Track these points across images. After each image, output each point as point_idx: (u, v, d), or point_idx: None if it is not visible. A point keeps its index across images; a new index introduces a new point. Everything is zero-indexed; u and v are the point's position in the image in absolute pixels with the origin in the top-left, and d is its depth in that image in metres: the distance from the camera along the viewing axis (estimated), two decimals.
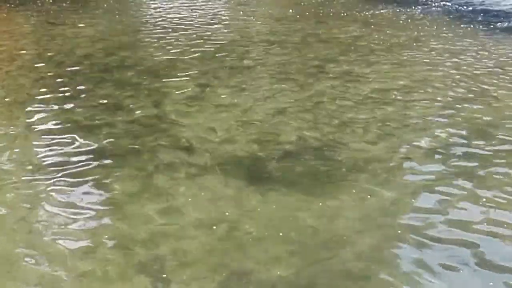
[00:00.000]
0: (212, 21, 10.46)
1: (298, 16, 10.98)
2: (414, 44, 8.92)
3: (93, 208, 4.42)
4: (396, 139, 5.60)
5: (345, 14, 11.17)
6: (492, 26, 9.97)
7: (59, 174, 4.90)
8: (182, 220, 4.27)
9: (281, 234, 4.09)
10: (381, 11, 11.33)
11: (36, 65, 7.79)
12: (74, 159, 5.19)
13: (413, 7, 11.55)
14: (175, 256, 3.87)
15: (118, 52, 8.49)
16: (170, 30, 9.79)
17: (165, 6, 11.81)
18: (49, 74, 7.46)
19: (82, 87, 6.95)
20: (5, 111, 6.29)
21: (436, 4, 11.77)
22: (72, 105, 6.41)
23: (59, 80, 7.21)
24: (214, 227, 4.18)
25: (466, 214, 4.34)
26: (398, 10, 11.40)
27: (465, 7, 11.45)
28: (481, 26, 10.01)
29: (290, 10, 11.45)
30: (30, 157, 5.22)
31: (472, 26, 10.06)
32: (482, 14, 10.80)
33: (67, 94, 6.76)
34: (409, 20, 10.61)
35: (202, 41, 9.01)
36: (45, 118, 6.09)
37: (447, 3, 11.72)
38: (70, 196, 4.60)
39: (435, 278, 3.66)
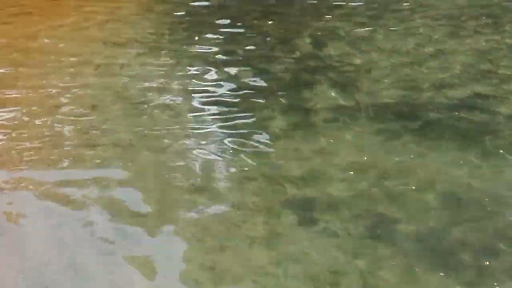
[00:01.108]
0: None
1: None
2: None
3: (248, 142, 4.52)
4: None
5: None
6: None
7: (218, 106, 5.07)
8: (334, 162, 4.25)
9: (434, 187, 3.96)
10: None
11: None
12: (235, 90, 5.34)
13: None
14: (323, 196, 3.88)
15: None
16: None
17: None
18: None
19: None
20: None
21: None
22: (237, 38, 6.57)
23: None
24: (365, 173, 4.12)
25: None
26: None
27: None
28: None
29: None
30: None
31: None
32: None
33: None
34: None
35: None
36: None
37: None
38: (228, 128, 4.74)
39: None
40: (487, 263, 3.32)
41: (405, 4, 7.74)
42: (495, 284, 3.17)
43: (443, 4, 7.75)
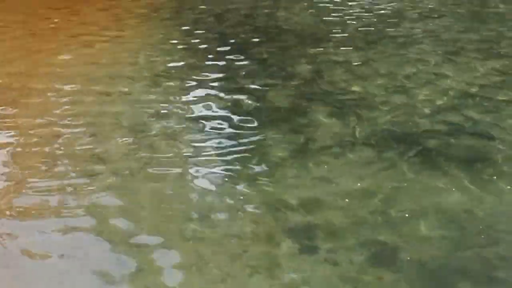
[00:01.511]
0: None
1: None
2: None
3: (247, 170, 4.51)
4: None
5: None
6: None
7: (217, 133, 5.08)
8: (333, 190, 4.25)
9: (434, 214, 3.95)
10: None
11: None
12: (234, 117, 5.35)
13: None
14: (323, 224, 3.87)
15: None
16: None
17: None
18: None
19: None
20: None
21: None
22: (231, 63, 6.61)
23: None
24: (365, 200, 4.12)
25: None
26: None
27: None
28: None
29: None
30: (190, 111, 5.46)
31: None
32: None
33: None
34: None
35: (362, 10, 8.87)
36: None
37: None
38: (227, 155, 4.73)
39: None
40: None
41: (401, 30, 7.82)
42: None
43: (439, 29, 7.83)
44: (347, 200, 4.12)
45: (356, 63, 6.63)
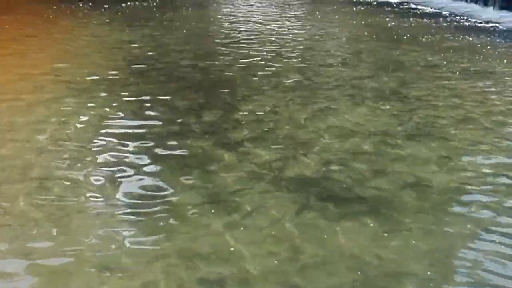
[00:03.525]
0: (286, 37, 10.51)
1: (374, 36, 10.89)
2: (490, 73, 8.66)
3: (160, 221, 4.47)
4: (461, 169, 5.45)
5: (422, 39, 10.99)
6: None
7: (129, 176, 5.00)
8: (246, 237, 4.26)
9: (344, 261, 4.03)
10: (460, 37, 11.08)
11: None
12: (145, 164, 5.30)
13: (494, 36, 11.29)
14: (236, 272, 3.85)
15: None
16: (244, 43, 9.91)
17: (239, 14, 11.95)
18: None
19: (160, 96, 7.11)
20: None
21: None
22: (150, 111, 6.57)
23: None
24: (278, 248, 4.14)
25: None
26: (480, 37, 11.14)
27: None
28: None
29: (366, 33, 11.37)
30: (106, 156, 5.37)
31: None
32: None
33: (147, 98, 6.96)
34: (490, 49, 10.33)
35: (277, 56, 9.07)
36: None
37: None
38: (138, 200, 4.68)
39: None
40: None
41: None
42: None
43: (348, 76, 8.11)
44: (262, 247, 4.14)
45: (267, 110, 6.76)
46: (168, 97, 7.08)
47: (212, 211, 4.58)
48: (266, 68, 8.38)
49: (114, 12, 12.75)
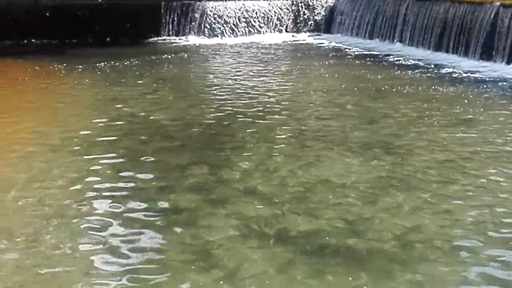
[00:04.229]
0: (272, 92, 10.62)
1: (355, 89, 11.02)
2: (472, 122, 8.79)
3: (149, 271, 4.46)
4: (451, 218, 5.49)
5: (406, 90, 11.15)
6: None
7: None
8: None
9: None
10: (443, 88, 11.23)
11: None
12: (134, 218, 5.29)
13: (482, 85, 11.49)
14: None
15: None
16: (226, 98, 10.03)
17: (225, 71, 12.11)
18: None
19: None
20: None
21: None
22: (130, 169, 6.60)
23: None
24: None
25: None
26: (462, 87, 11.32)
27: None
28: None
29: (350, 85, 11.52)
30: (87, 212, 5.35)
31: None
32: None
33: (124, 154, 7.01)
34: (472, 98, 10.47)
35: (262, 109, 9.17)
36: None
37: None
38: (130, 252, 4.68)
39: None
40: None
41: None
42: None
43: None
44: None
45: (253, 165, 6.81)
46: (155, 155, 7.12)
47: (200, 265, 4.59)
48: (252, 124, 8.43)
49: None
